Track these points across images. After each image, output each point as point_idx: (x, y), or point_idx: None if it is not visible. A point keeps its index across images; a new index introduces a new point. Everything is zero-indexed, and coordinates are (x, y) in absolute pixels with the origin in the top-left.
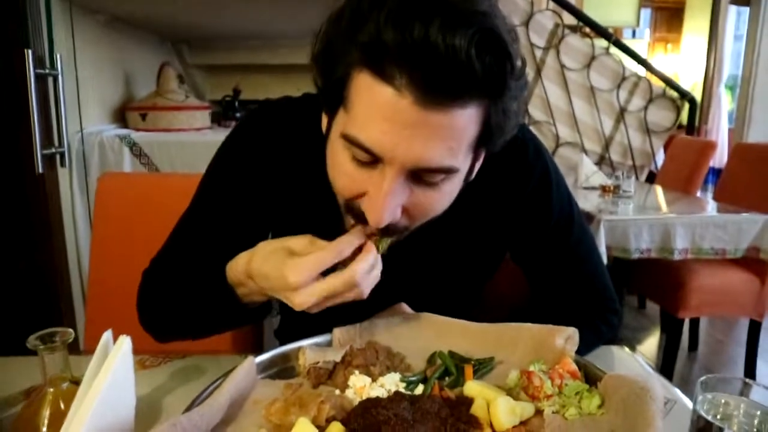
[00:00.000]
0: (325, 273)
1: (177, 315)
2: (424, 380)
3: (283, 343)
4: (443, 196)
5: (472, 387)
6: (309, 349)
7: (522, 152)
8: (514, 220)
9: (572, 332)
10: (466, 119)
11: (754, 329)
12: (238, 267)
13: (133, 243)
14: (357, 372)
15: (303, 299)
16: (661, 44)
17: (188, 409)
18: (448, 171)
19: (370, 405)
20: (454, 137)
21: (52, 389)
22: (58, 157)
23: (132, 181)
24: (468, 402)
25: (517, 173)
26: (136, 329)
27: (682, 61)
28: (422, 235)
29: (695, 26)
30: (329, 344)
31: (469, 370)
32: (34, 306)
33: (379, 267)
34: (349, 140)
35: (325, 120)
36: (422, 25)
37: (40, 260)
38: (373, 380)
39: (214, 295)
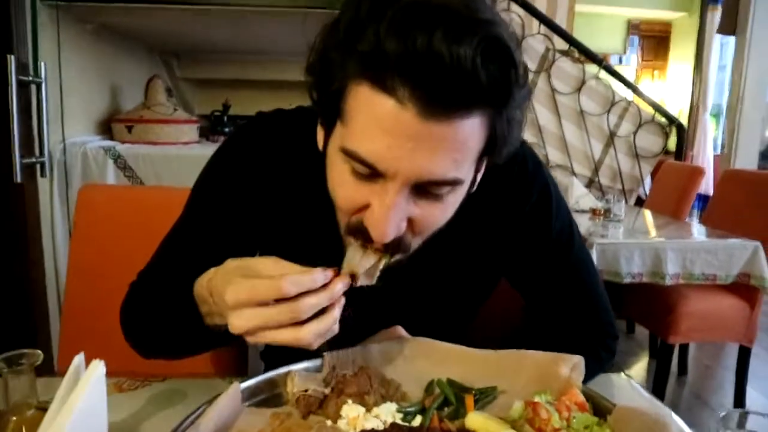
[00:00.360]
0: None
1: (155, 331)
2: (422, 411)
3: (268, 365)
4: (447, 208)
5: (474, 419)
6: (298, 375)
7: (522, 167)
8: (513, 236)
9: (578, 360)
10: (471, 130)
11: (744, 355)
12: (202, 282)
13: (114, 258)
14: (350, 401)
15: (238, 322)
16: (648, 71)
17: None
18: (454, 183)
19: None
20: (458, 149)
21: (15, 417)
22: (38, 167)
23: (114, 194)
24: None
25: (517, 188)
26: (112, 348)
27: (668, 88)
28: (418, 253)
29: (681, 54)
30: (320, 369)
31: (470, 400)
32: (8, 321)
33: (336, 323)
34: (349, 154)
35: (321, 133)
36: (425, 34)
37: (16, 273)
38: (368, 410)
39: (181, 311)
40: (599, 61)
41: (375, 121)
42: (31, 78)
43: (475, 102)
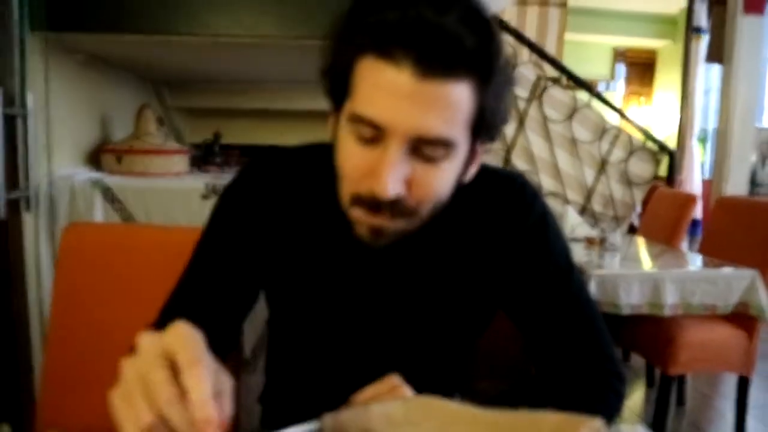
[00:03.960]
0: None
1: None
2: None
3: (267, 410)
4: (443, 176)
5: None
6: None
7: (520, 191)
8: (511, 254)
9: (599, 424)
10: (460, 94)
11: (743, 385)
12: None
13: (101, 306)
14: None
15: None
16: (635, 97)
17: None
18: (447, 143)
19: None
20: (449, 109)
21: None
22: (22, 201)
23: (103, 233)
24: None
25: (516, 210)
26: (96, 405)
27: (655, 113)
28: (413, 278)
29: (666, 81)
30: None
31: None
32: None
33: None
34: (356, 119)
35: (332, 123)
36: (418, 7)
37: None
38: None
39: None
40: (589, 88)
41: (377, 86)
42: (17, 110)
43: (461, 64)
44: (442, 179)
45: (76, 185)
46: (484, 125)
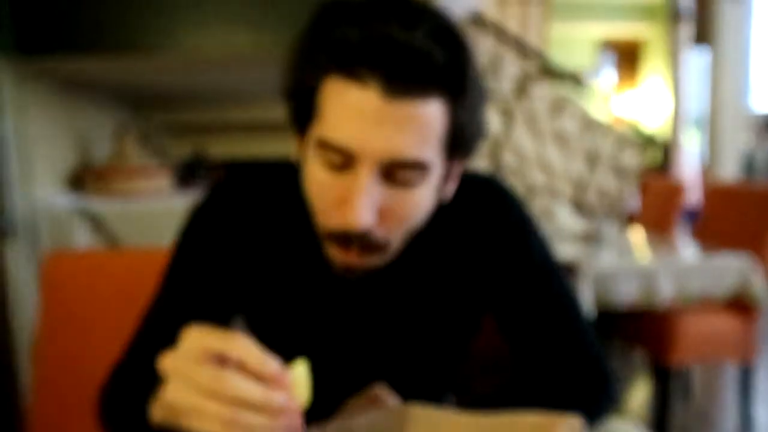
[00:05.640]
0: None
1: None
2: None
3: None
4: (418, 201)
5: None
6: None
7: (495, 195)
8: (491, 265)
9: (575, 421)
10: (432, 113)
11: (746, 373)
12: None
13: (87, 333)
14: None
15: (166, 364)
16: (623, 85)
17: None
18: (420, 166)
19: None
20: (421, 129)
21: None
22: (1, 230)
23: (84, 259)
24: None
25: (492, 214)
26: None
27: (644, 101)
28: (394, 299)
29: (653, 68)
30: None
31: None
32: None
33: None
34: (324, 144)
35: (297, 146)
36: (383, 23)
37: None
38: None
39: None
40: (575, 81)
41: (345, 107)
42: None
43: (432, 82)
44: (417, 205)
45: (57, 211)
46: (459, 142)
